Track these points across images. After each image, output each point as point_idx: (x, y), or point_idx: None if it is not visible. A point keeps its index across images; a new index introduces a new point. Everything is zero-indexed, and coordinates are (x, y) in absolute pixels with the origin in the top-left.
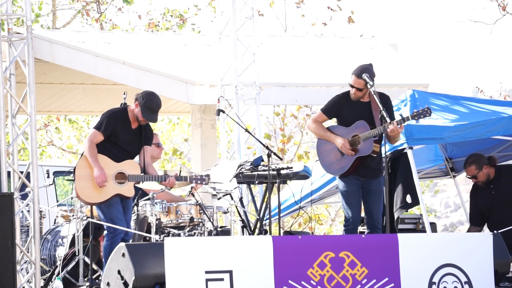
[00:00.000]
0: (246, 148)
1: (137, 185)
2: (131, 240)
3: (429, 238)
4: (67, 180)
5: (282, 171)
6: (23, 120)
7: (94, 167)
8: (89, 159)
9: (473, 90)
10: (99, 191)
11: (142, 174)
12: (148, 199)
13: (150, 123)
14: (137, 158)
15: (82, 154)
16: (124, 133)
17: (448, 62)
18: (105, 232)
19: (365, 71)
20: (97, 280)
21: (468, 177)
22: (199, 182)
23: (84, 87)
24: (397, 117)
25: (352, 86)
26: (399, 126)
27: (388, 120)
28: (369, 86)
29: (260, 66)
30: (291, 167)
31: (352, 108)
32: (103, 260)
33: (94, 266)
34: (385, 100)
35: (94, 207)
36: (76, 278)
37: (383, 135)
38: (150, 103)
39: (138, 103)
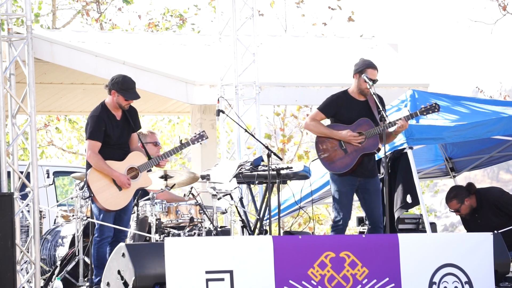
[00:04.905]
0: (246, 148)
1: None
2: (128, 240)
3: (429, 238)
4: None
5: (282, 171)
6: (23, 120)
7: (112, 175)
8: (102, 170)
9: (473, 90)
10: (122, 194)
11: (149, 160)
12: (148, 199)
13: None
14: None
15: (87, 167)
16: (113, 128)
17: (448, 62)
18: (94, 235)
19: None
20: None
21: (452, 211)
22: (200, 140)
23: (84, 87)
24: (406, 112)
25: (370, 80)
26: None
27: (388, 120)
28: (368, 86)
29: (260, 66)
30: (291, 167)
31: (351, 107)
32: (91, 265)
33: None
34: (381, 100)
35: (92, 204)
36: (76, 278)
37: (382, 134)
38: (126, 84)
39: (114, 91)
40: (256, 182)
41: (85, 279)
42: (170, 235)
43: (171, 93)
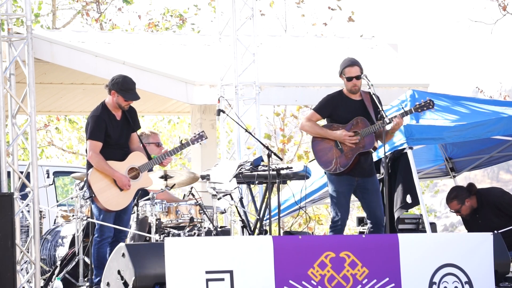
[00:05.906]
0: (246, 148)
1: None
2: (127, 240)
3: (429, 238)
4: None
5: (282, 171)
6: (23, 120)
7: (113, 176)
8: (104, 171)
9: (473, 90)
10: (123, 194)
11: (149, 160)
12: (148, 199)
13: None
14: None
15: (88, 168)
16: (114, 128)
17: (448, 62)
18: (95, 235)
19: (357, 63)
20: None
21: (452, 211)
22: (199, 140)
23: (84, 87)
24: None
25: (350, 79)
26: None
27: (387, 120)
28: (368, 88)
29: (260, 66)
30: (291, 167)
31: (346, 106)
32: (92, 265)
33: None
34: (378, 99)
35: (92, 205)
36: (76, 278)
37: (382, 133)
38: (126, 84)
39: (114, 91)
40: (256, 182)
41: (85, 279)
42: (170, 235)
43: (171, 93)
